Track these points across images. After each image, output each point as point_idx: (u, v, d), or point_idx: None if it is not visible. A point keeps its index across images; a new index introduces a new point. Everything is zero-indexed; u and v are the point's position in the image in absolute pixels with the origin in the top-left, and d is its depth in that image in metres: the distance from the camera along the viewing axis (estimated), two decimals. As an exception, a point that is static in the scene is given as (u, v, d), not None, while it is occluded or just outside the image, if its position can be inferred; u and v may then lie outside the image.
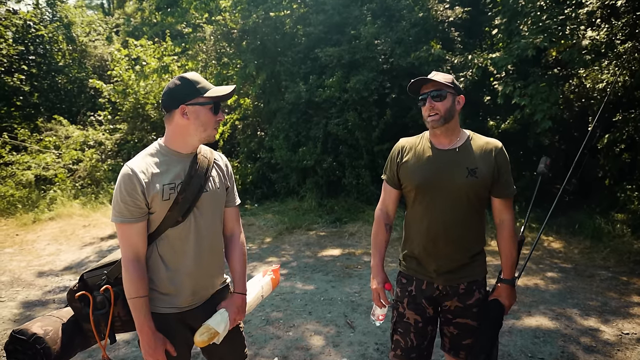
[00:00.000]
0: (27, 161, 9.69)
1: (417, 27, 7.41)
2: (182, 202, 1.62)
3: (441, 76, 1.85)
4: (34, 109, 12.14)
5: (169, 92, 1.62)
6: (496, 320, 1.89)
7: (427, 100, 1.84)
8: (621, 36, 5.81)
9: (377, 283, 2.01)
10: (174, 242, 1.66)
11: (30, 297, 4.46)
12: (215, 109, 1.65)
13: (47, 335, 1.59)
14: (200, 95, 1.61)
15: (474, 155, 1.85)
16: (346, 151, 7.83)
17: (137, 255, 1.60)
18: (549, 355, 3.14)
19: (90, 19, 15.20)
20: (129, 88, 10.45)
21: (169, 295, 1.68)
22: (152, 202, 1.58)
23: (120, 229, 1.59)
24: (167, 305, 1.69)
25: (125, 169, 1.57)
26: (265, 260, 5.39)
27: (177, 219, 1.63)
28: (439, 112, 1.82)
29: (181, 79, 1.62)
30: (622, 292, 4.31)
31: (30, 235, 6.95)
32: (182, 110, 1.60)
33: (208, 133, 1.66)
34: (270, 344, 3.34)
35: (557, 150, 7.99)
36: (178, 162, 1.66)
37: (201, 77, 1.66)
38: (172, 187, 1.61)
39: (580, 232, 5.92)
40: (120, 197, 1.56)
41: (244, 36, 8.74)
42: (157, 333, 1.62)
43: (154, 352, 1.60)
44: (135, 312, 1.59)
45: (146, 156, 1.63)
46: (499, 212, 1.93)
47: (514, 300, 1.96)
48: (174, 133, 1.65)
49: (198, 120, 1.62)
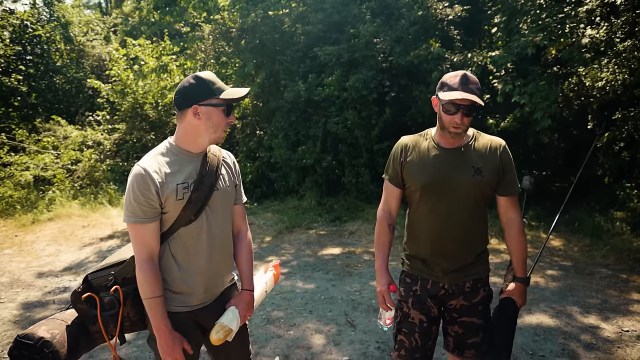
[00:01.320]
0: (25, 162, 9.63)
1: (416, 25, 7.40)
2: (195, 201, 1.62)
3: (475, 85, 1.74)
4: (32, 110, 12.09)
5: (183, 91, 1.61)
6: (512, 318, 1.89)
7: (459, 113, 1.72)
8: (621, 34, 5.82)
9: (382, 285, 1.96)
10: (187, 241, 1.66)
11: (30, 298, 4.45)
12: (227, 111, 1.65)
13: (54, 338, 1.59)
14: (214, 97, 1.60)
15: (480, 154, 1.84)
16: (345, 150, 7.81)
17: (151, 255, 1.59)
18: (549, 352, 3.15)
19: (87, 18, 15.15)
20: (127, 88, 10.40)
21: (182, 294, 1.69)
22: (166, 202, 1.58)
23: (134, 230, 1.58)
24: (179, 304, 1.69)
25: (138, 169, 1.56)
26: (265, 259, 5.38)
27: (190, 217, 1.63)
28: (464, 126, 1.77)
29: (196, 78, 1.60)
30: (621, 289, 4.32)
31: (29, 236, 6.93)
32: (194, 110, 1.59)
33: (218, 135, 1.66)
34: (272, 343, 3.34)
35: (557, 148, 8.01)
36: (189, 161, 1.66)
37: (216, 78, 1.65)
38: (185, 187, 1.61)
39: (580, 230, 5.93)
40: (134, 197, 1.54)
41: (243, 35, 8.71)
42: (174, 332, 1.61)
43: (172, 352, 1.60)
44: (151, 312, 1.59)
45: (157, 155, 1.63)
46: (506, 211, 1.91)
47: (526, 300, 1.95)
48: (185, 132, 1.65)
49: (209, 122, 1.61)
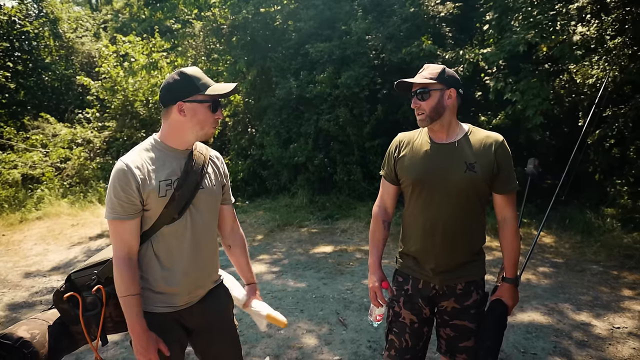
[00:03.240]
0: (13, 160, 9.51)
1: (408, 22, 7.38)
2: (178, 199, 1.58)
3: (428, 71, 1.79)
4: (20, 107, 11.95)
5: (167, 87, 1.58)
6: (500, 321, 1.83)
7: (413, 100, 1.81)
8: (611, 31, 5.84)
9: (373, 281, 1.94)
10: (170, 240, 1.62)
11: (16, 299, 4.38)
12: (213, 107, 1.61)
13: (34, 339, 1.54)
14: (199, 93, 1.57)
15: (473, 149, 1.79)
16: (337, 147, 7.79)
17: (130, 253, 1.55)
18: (541, 350, 3.14)
19: (77, 14, 15.00)
20: (117, 85, 10.28)
21: (164, 294, 1.65)
22: (148, 198, 1.54)
23: (113, 226, 1.54)
24: (162, 305, 1.65)
25: (120, 164, 1.52)
26: (257, 258, 5.34)
27: (173, 216, 1.59)
28: (424, 111, 1.78)
29: (180, 74, 1.57)
30: (612, 286, 4.33)
31: (17, 235, 6.83)
32: (179, 107, 1.56)
33: (206, 131, 1.62)
34: (262, 343, 3.31)
35: (548, 145, 8.03)
36: (174, 158, 1.62)
37: (202, 73, 1.61)
38: (168, 184, 1.57)
39: (571, 227, 5.95)
40: (114, 193, 1.51)
41: (234, 32, 8.64)
42: (150, 332, 1.57)
43: (145, 352, 1.56)
44: (126, 310, 1.55)
45: (141, 151, 1.59)
46: (501, 209, 1.87)
47: (517, 301, 1.90)
48: (170, 129, 1.61)
49: (195, 118, 1.58)
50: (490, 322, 1.84)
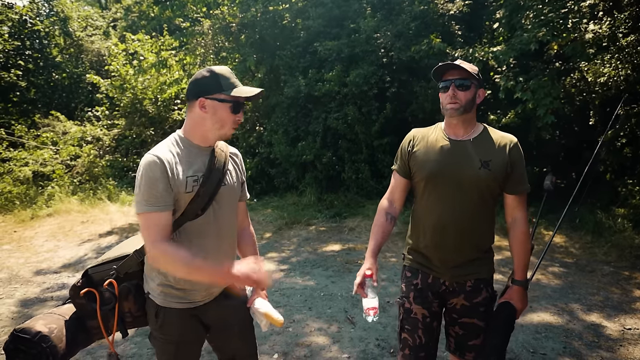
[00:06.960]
0: (24, 157, 9.62)
1: (417, 20, 7.34)
2: (202, 195, 1.59)
3: (468, 66, 1.78)
4: (31, 105, 12.08)
5: (194, 82, 1.60)
6: (507, 322, 1.82)
7: (451, 87, 1.76)
8: (624, 29, 5.76)
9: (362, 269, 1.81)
10: (192, 236, 1.62)
11: (28, 295, 4.43)
12: (234, 108, 1.61)
13: (52, 333, 1.55)
14: (222, 92, 1.58)
15: (489, 147, 1.80)
16: (345, 146, 7.78)
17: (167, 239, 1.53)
18: (551, 350, 3.12)
19: (87, 13, 15.11)
20: (126, 83, 10.36)
21: (184, 291, 1.65)
22: (178, 193, 1.55)
23: (146, 219, 1.50)
24: (181, 301, 1.66)
25: (150, 157, 1.51)
26: (265, 255, 5.36)
27: (197, 212, 1.60)
28: (460, 101, 1.76)
29: (209, 71, 1.59)
30: (623, 287, 4.29)
31: (28, 232, 6.90)
32: (200, 102, 1.58)
33: (225, 131, 1.63)
34: (270, 340, 3.32)
35: (557, 144, 7.95)
36: (198, 154, 1.64)
37: (231, 73, 1.63)
38: (195, 180, 1.58)
39: (581, 227, 5.89)
40: (148, 184, 1.49)
41: (243, 30, 8.66)
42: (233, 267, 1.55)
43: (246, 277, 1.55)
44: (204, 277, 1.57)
45: (170, 145, 1.60)
46: (512, 210, 1.86)
47: (526, 304, 1.88)
48: (192, 123, 1.62)
49: (215, 116, 1.59)
50: (498, 322, 1.83)
